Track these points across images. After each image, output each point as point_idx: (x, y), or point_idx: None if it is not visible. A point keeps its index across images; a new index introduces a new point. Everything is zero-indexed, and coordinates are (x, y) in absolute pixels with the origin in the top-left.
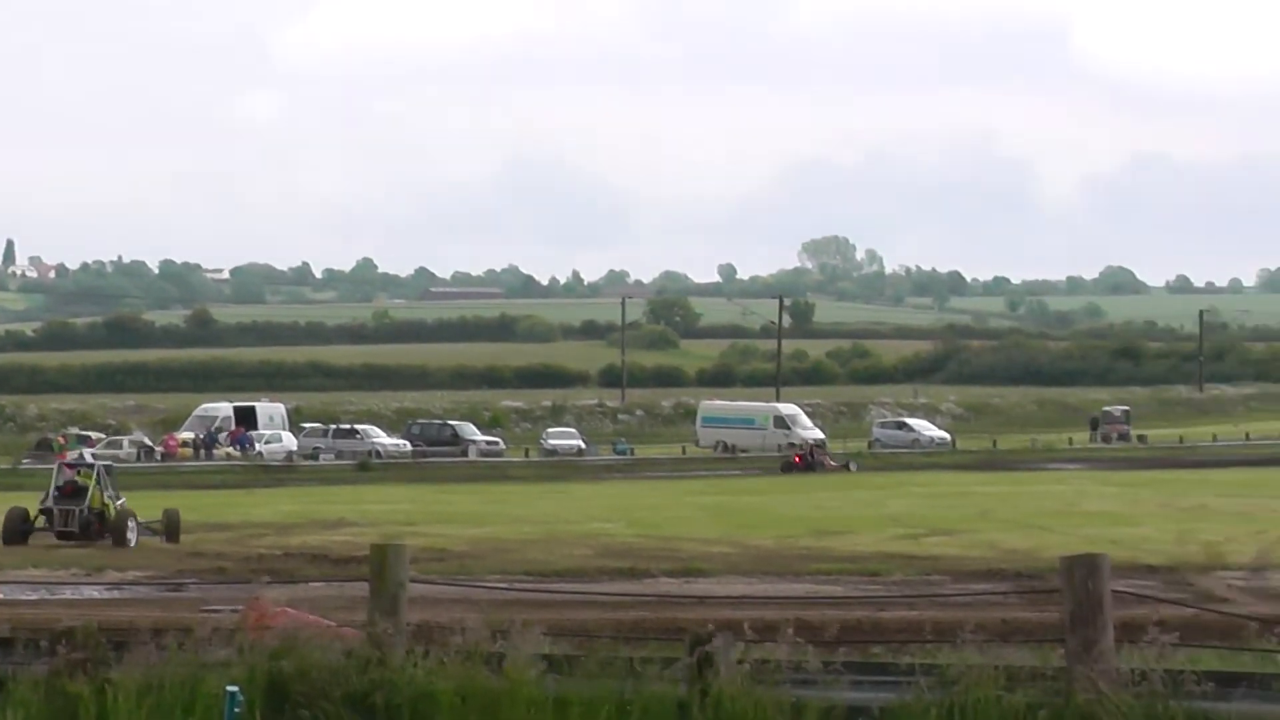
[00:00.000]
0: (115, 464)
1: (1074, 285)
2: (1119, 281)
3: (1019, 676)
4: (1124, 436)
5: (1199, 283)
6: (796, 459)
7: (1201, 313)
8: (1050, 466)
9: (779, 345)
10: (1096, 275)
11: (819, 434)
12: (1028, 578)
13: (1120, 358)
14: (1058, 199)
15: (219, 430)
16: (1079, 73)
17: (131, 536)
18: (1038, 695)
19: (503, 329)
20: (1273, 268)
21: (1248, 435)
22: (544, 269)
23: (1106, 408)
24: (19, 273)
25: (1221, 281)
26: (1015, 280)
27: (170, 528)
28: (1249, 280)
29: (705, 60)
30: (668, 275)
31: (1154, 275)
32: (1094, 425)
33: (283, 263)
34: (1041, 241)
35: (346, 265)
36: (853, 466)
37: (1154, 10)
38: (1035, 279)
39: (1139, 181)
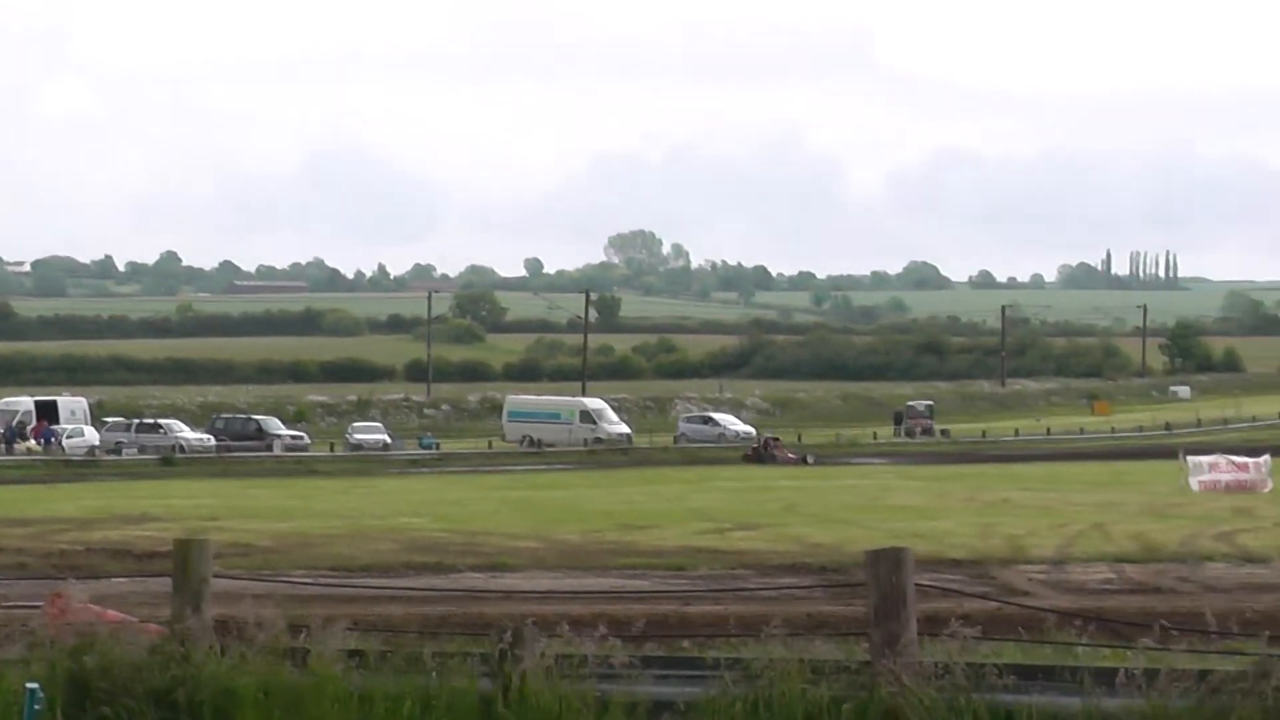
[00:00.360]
0: None
1: (878, 280)
2: (923, 277)
3: (823, 670)
4: (928, 431)
5: (1001, 278)
6: (751, 450)
7: (1004, 308)
8: (855, 461)
9: (585, 340)
10: (901, 270)
11: (625, 428)
12: (832, 572)
13: (924, 353)
14: (863, 195)
15: (20, 424)
16: (885, 71)
17: None
18: (842, 689)
19: (308, 323)
20: (1074, 264)
21: (1049, 430)
22: (350, 263)
23: (910, 402)
24: None
25: (1024, 277)
26: (820, 275)
27: None
28: (1050, 276)
29: (513, 56)
30: (474, 270)
31: (957, 271)
32: (898, 420)
33: (85, 256)
34: (846, 237)
35: (150, 258)
36: (810, 460)
37: (958, 11)
38: (840, 274)
39: (943, 178)
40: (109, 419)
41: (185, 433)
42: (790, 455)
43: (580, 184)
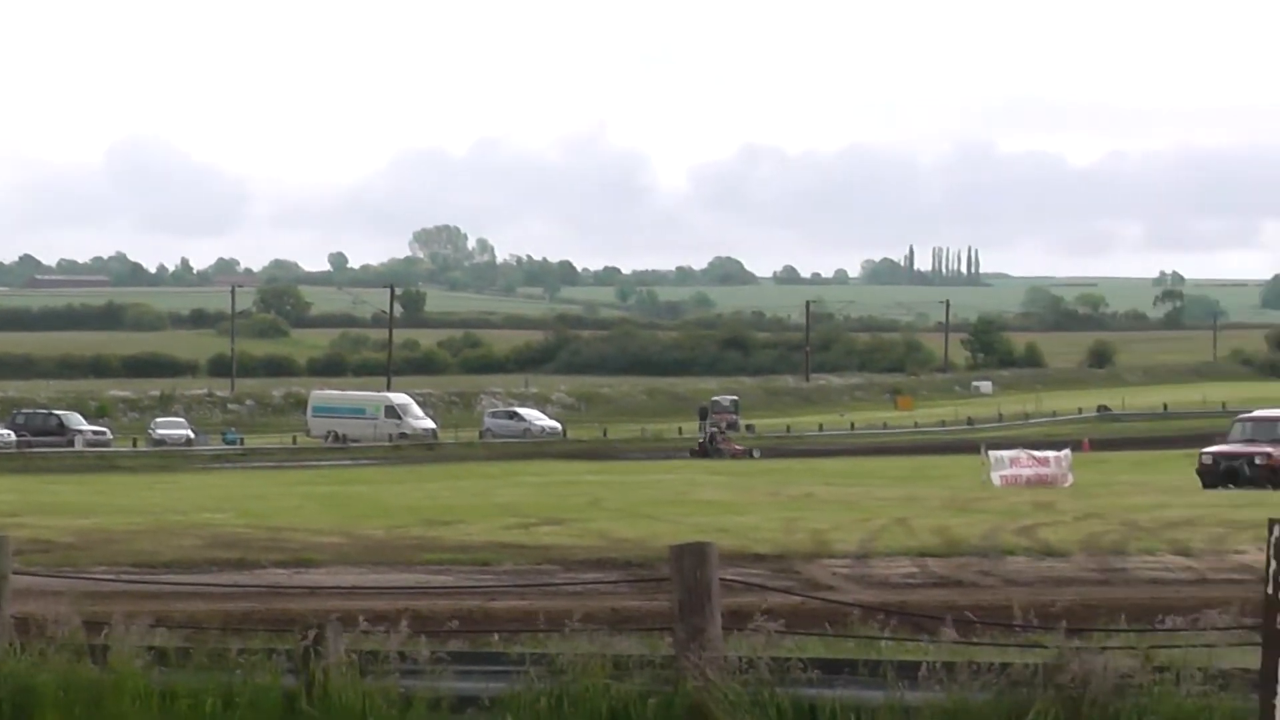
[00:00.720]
0: None
1: (683, 276)
2: (728, 272)
3: (628, 665)
4: (733, 426)
5: (806, 274)
6: (698, 445)
7: (808, 303)
8: (660, 456)
9: (390, 334)
10: (706, 266)
11: (430, 423)
12: (638, 566)
13: (729, 348)
14: (668, 190)
15: None
16: (691, 65)
17: None
18: (646, 683)
19: (110, 318)
20: (877, 259)
21: (853, 424)
22: (152, 257)
23: (715, 397)
24: None
25: (828, 273)
26: (626, 270)
27: None
28: (854, 272)
29: (318, 48)
30: (278, 264)
31: (762, 266)
32: (703, 415)
33: None
34: (652, 232)
35: None
36: (755, 454)
37: (765, 8)
38: (645, 269)
39: (748, 173)
40: None
41: None
42: (737, 448)
43: (385, 178)
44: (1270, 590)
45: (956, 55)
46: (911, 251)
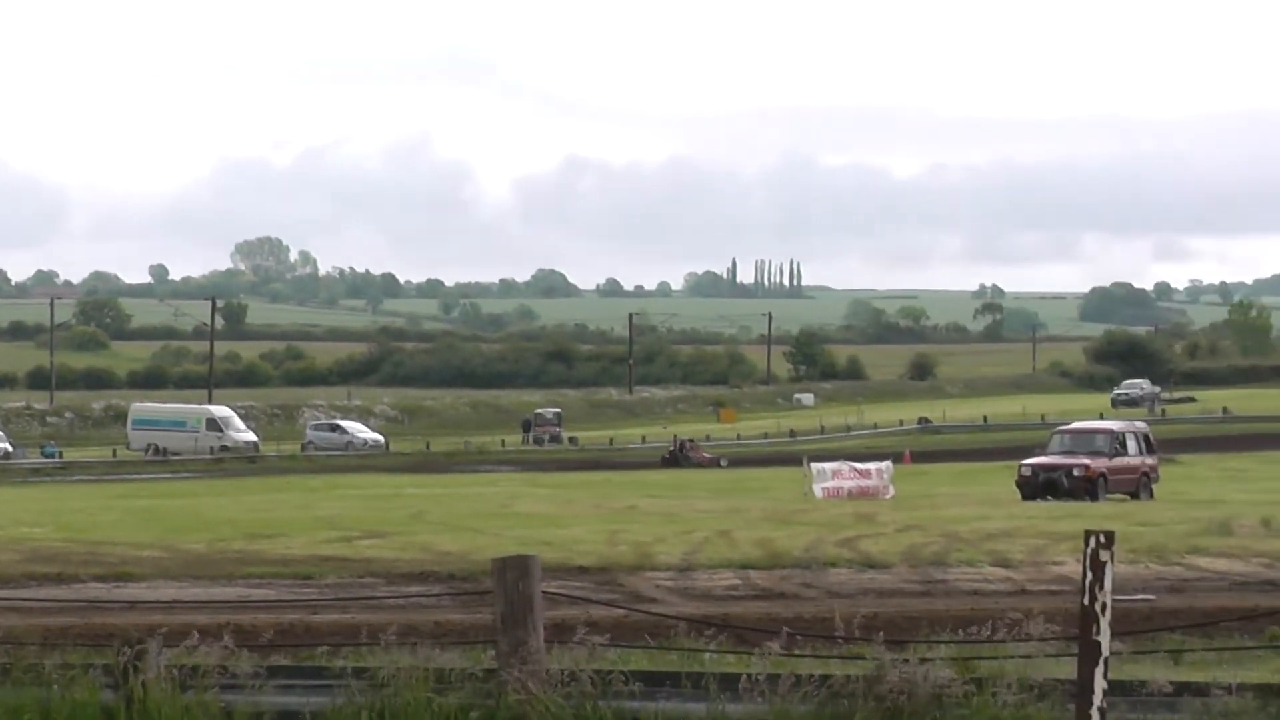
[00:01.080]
0: None
1: (507, 288)
2: (551, 285)
3: (450, 678)
4: (555, 438)
5: (629, 286)
6: (668, 453)
7: (631, 316)
8: (483, 468)
9: (211, 347)
10: (529, 278)
11: (252, 436)
12: (461, 580)
13: (552, 360)
14: (492, 202)
15: None
16: (515, 77)
17: None
18: (469, 697)
19: None
20: (700, 272)
21: (675, 437)
22: None
23: (539, 410)
24: None
25: (651, 285)
26: (449, 283)
27: None
28: (677, 284)
29: (139, 54)
30: (98, 276)
31: (585, 279)
32: (526, 427)
33: None
34: (475, 245)
35: None
36: (723, 463)
37: (588, 22)
38: (469, 281)
39: (571, 186)
40: None
41: None
42: (705, 457)
43: (207, 190)
44: (1086, 601)
45: (780, 68)
46: (734, 264)
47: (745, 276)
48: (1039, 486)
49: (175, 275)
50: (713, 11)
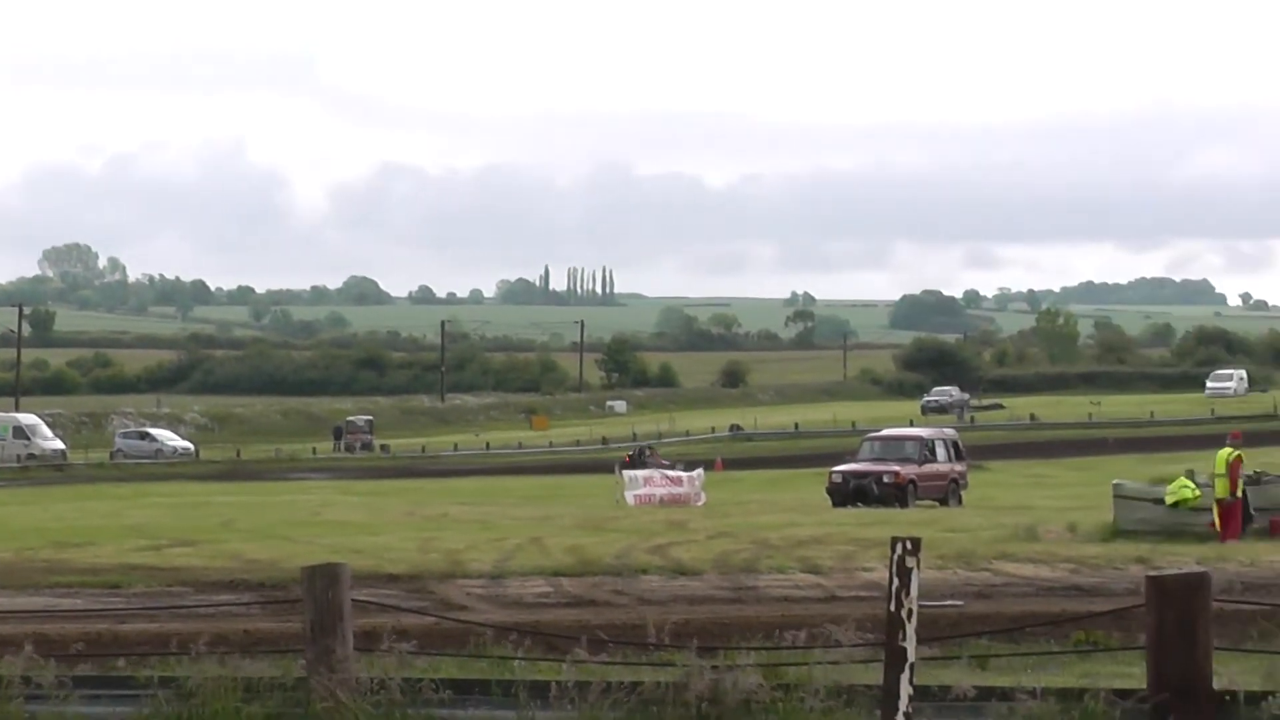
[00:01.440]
0: None
1: (319, 295)
2: (363, 292)
3: (259, 688)
4: (367, 446)
5: (441, 294)
6: (626, 459)
7: (443, 323)
8: (294, 476)
9: (19, 354)
10: (341, 285)
11: (59, 444)
12: (271, 588)
13: (364, 367)
14: (304, 209)
15: None
16: (329, 84)
17: None
18: (277, 705)
19: None
20: (513, 280)
21: (488, 444)
22: None
23: (350, 417)
24: None
25: (463, 293)
26: (260, 290)
27: None
28: (490, 292)
29: None
30: None
31: (397, 286)
32: (338, 435)
33: None
34: (287, 251)
35: None
36: (680, 468)
37: (401, 28)
38: (280, 288)
39: (384, 193)
40: None
41: None
42: (664, 463)
43: (13, 195)
44: (892, 608)
45: (595, 75)
46: (547, 272)
47: (558, 284)
48: (849, 493)
49: None
50: (529, 17)
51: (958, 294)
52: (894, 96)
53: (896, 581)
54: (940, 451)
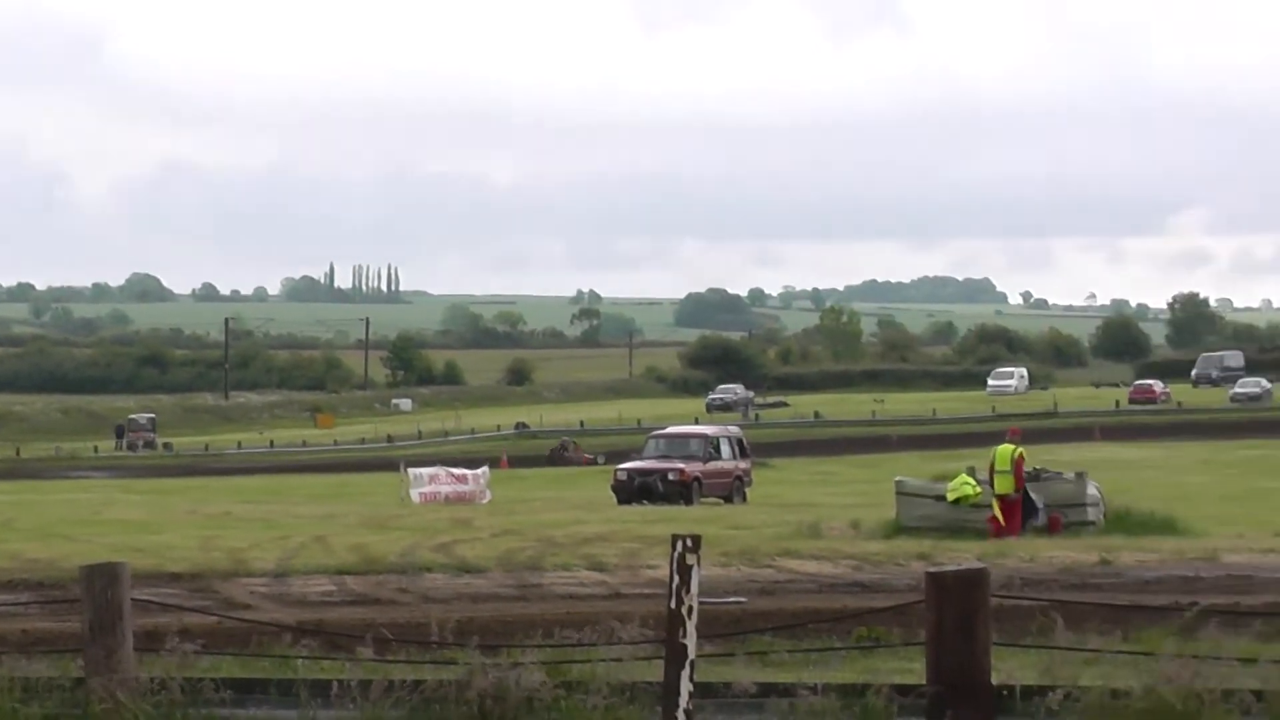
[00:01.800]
0: None
1: (100, 292)
2: (145, 289)
3: (37, 688)
4: (150, 444)
5: (225, 291)
6: (549, 453)
7: (227, 321)
8: (75, 475)
9: None
10: (123, 283)
11: None
12: (50, 588)
13: (146, 365)
14: (85, 205)
15: None
16: (111, 78)
17: None
18: (55, 706)
19: None
20: (298, 277)
21: (272, 442)
22: None
23: (132, 415)
24: None
25: (247, 290)
26: (40, 286)
27: None
28: (274, 289)
29: None
30: None
31: (180, 283)
32: (120, 433)
33: None
34: (68, 248)
35: None
36: (600, 460)
37: (189, 20)
38: (61, 285)
39: (167, 190)
40: None
41: None
42: (586, 456)
43: None
44: (673, 605)
45: (381, 71)
46: (332, 269)
47: (343, 281)
48: (634, 491)
49: None
50: (315, 12)
51: (743, 292)
52: (681, 95)
53: (677, 579)
54: (725, 449)
